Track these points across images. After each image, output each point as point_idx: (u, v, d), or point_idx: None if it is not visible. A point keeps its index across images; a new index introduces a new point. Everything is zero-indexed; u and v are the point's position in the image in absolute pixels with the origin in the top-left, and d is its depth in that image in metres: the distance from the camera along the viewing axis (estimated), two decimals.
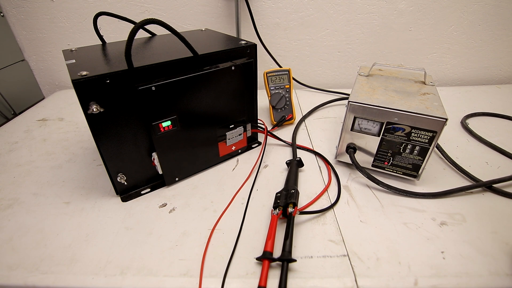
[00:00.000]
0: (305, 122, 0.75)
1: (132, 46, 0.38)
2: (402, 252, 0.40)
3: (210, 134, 0.54)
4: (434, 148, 0.47)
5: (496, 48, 0.94)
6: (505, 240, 0.42)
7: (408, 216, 0.46)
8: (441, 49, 0.94)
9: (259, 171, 0.56)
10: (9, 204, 0.49)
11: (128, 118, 0.44)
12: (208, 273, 0.37)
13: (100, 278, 0.37)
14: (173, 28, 0.42)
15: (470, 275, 0.37)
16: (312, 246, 0.41)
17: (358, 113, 0.50)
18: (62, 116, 0.79)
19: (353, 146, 0.53)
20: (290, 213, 0.42)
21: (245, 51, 0.52)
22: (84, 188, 0.52)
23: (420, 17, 0.87)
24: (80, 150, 0.63)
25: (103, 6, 0.85)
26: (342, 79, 1.00)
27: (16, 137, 0.69)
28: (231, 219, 0.46)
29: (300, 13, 0.87)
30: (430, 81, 0.57)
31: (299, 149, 0.63)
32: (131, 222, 0.45)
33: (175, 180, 0.53)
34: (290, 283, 0.36)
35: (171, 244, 0.41)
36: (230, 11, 0.86)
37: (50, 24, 0.88)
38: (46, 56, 0.94)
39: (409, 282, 0.36)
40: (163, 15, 0.87)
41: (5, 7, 0.85)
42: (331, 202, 0.49)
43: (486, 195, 0.50)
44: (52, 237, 0.43)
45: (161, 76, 0.44)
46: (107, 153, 0.45)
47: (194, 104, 0.48)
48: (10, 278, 0.37)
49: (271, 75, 0.71)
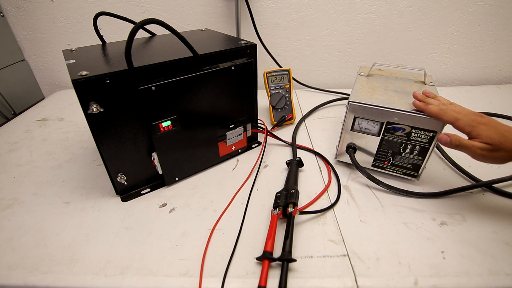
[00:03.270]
0: (305, 122, 0.75)
1: (132, 46, 0.38)
2: (402, 252, 0.40)
3: (210, 134, 0.54)
4: (434, 148, 0.47)
5: (496, 48, 0.94)
6: (505, 240, 0.42)
7: (408, 216, 0.46)
8: (441, 49, 0.94)
9: (259, 171, 0.56)
10: (9, 204, 0.49)
11: (128, 118, 0.44)
12: (208, 273, 0.37)
13: (100, 278, 0.37)
14: (173, 28, 0.42)
15: (470, 275, 0.37)
16: (312, 246, 0.41)
17: (358, 113, 0.50)
18: (62, 116, 0.79)
19: (353, 146, 0.53)
20: (290, 213, 0.42)
21: (245, 51, 0.52)
22: (84, 188, 0.52)
23: (420, 17, 0.87)
24: (80, 150, 0.63)
25: (103, 6, 0.85)
26: (342, 79, 1.00)
27: (16, 137, 0.69)
28: (231, 219, 0.46)
29: (300, 13, 0.87)
30: (430, 81, 0.57)
31: (299, 149, 0.63)
32: (131, 222, 0.45)
33: (175, 180, 0.53)
34: (290, 283, 0.36)
35: (171, 244, 0.41)
36: (230, 11, 0.86)
37: (50, 24, 0.88)
38: (46, 56, 0.94)
39: (409, 282, 0.36)
40: (163, 15, 0.87)
41: (5, 7, 0.85)
42: (331, 202, 0.49)
43: (486, 195, 0.50)
44: (52, 237, 0.43)
45: (161, 76, 0.44)
46: (107, 153, 0.45)
47: (194, 104, 0.48)
48: (10, 278, 0.37)
49: (271, 75, 0.71)
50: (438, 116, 0.44)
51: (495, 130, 0.40)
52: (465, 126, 0.42)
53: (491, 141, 0.40)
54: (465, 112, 0.43)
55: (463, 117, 0.42)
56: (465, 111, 0.44)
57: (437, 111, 0.44)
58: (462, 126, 0.42)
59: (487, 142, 0.40)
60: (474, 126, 0.41)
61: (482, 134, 0.40)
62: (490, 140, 0.40)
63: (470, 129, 0.41)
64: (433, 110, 0.44)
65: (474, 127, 0.41)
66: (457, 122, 0.42)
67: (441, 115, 0.43)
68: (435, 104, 0.45)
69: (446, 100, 0.47)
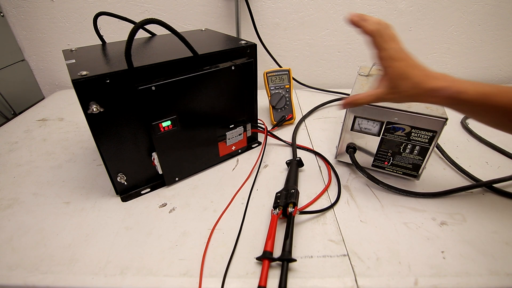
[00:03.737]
0: (305, 122, 0.75)
1: (132, 46, 0.38)
2: (402, 252, 0.40)
3: (210, 134, 0.54)
4: (434, 148, 0.47)
5: (496, 48, 0.94)
6: (505, 240, 0.42)
7: (408, 216, 0.46)
8: (441, 49, 0.94)
9: (259, 171, 0.56)
10: (9, 204, 0.49)
11: (128, 118, 0.44)
12: (208, 273, 0.37)
13: (100, 278, 0.37)
14: (173, 28, 0.42)
15: (470, 275, 0.37)
16: (312, 246, 0.41)
17: (358, 112, 0.50)
18: (62, 116, 0.79)
19: (353, 146, 0.53)
20: (290, 213, 0.42)
21: (245, 51, 0.52)
22: (84, 188, 0.52)
23: (420, 17, 0.87)
24: (80, 150, 0.63)
25: (103, 6, 0.85)
26: (342, 79, 1.00)
27: (16, 137, 0.69)
28: (231, 219, 0.46)
29: (300, 13, 0.87)
30: None
31: (299, 149, 0.63)
32: (131, 222, 0.45)
33: (175, 180, 0.53)
34: (290, 283, 0.35)
35: (171, 244, 0.41)
36: (230, 11, 0.86)
37: (50, 24, 0.88)
38: (46, 56, 0.94)
39: (409, 282, 0.36)
40: (163, 15, 0.87)
41: (5, 7, 0.85)
42: (331, 202, 0.49)
43: (486, 195, 0.50)
44: (52, 237, 0.43)
45: (161, 76, 0.44)
46: (107, 153, 0.45)
47: (194, 104, 0.48)
48: (10, 278, 0.37)
49: (271, 75, 0.71)
50: (373, 34, 0.38)
51: (401, 74, 0.37)
52: (384, 59, 0.38)
53: (389, 85, 0.38)
54: (397, 47, 0.38)
55: (390, 49, 0.38)
56: (399, 49, 0.38)
57: (374, 29, 0.37)
58: (383, 57, 0.38)
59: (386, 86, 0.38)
60: (386, 67, 0.38)
61: (388, 74, 0.38)
62: (388, 83, 0.38)
63: (385, 64, 0.38)
64: (370, 25, 0.37)
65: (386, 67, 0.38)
66: (382, 52, 0.38)
67: (376, 35, 0.37)
68: (372, 21, 0.38)
69: (392, 32, 0.39)
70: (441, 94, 0.37)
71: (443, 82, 0.36)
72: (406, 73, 0.37)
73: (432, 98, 0.38)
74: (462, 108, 0.38)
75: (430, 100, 0.38)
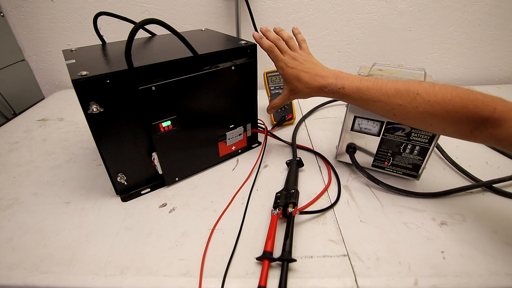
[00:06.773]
0: (305, 122, 0.75)
1: (132, 46, 0.38)
2: (402, 252, 0.40)
3: (210, 134, 0.54)
4: (434, 148, 0.47)
5: (496, 48, 0.94)
6: (505, 240, 0.42)
7: (408, 216, 0.46)
8: (441, 49, 0.94)
9: (259, 171, 0.56)
10: (9, 204, 0.49)
11: (128, 118, 0.44)
12: (208, 273, 0.37)
13: (100, 278, 0.37)
14: (173, 28, 0.42)
15: (470, 275, 0.37)
16: (312, 246, 0.41)
17: (358, 112, 0.50)
18: (62, 116, 0.79)
19: (353, 146, 0.53)
20: (290, 213, 0.42)
21: (245, 51, 0.52)
22: (84, 188, 0.52)
23: (420, 17, 0.87)
24: (80, 150, 0.63)
25: (103, 6, 0.85)
26: None
27: (16, 137, 0.69)
28: (231, 219, 0.46)
29: (300, 13, 0.87)
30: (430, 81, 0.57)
31: (299, 149, 0.63)
32: (131, 222, 0.45)
33: (175, 180, 0.53)
34: (290, 283, 0.35)
35: (171, 244, 0.41)
36: (230, 11, 0.86)
37: (50, 24, 0.88)
38: (46, 56, 0.94)
39: (409, 282, 0.36)
40: (163, 15, 0.87)
41: (5, 7, 0.85)
42: (331, 202, 0.49)
43: (486, 195, 0.50)
44: (52, 237, 0.43)
45: (161, 76, 0.44)
46: (107, 153, 0.45)
47: (194, 104, 0.48)
48: (10, 278, 0.37)
49: (271, 75, 0.71)
50: (267, 50, 0.49)
51: (295, 77, 0.47)
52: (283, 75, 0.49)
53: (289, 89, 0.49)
54: (293, 64, 0.47)
55: (285, 67, 0.48)
56: (295, 63, 0.48)
57: (267, 47, 0.48)
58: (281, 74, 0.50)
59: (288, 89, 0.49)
60: (287, 83, 0.49)
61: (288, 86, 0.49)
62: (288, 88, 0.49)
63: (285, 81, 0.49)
64: (264, 44, 0.49)
65: (288, 83, 0.49)
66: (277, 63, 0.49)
67: (270, 51, 0.49)
68: (271, 38, 0.49)
69: (294, 43, 0.51)
70: (327, 90, 0.45)
71: (329, 80, 0.44)
72: (298, 76, 0.47)
73: (323, 93, 0.46)
74: (348, 101, 0.45)
75: (322, 95, 0.46)
